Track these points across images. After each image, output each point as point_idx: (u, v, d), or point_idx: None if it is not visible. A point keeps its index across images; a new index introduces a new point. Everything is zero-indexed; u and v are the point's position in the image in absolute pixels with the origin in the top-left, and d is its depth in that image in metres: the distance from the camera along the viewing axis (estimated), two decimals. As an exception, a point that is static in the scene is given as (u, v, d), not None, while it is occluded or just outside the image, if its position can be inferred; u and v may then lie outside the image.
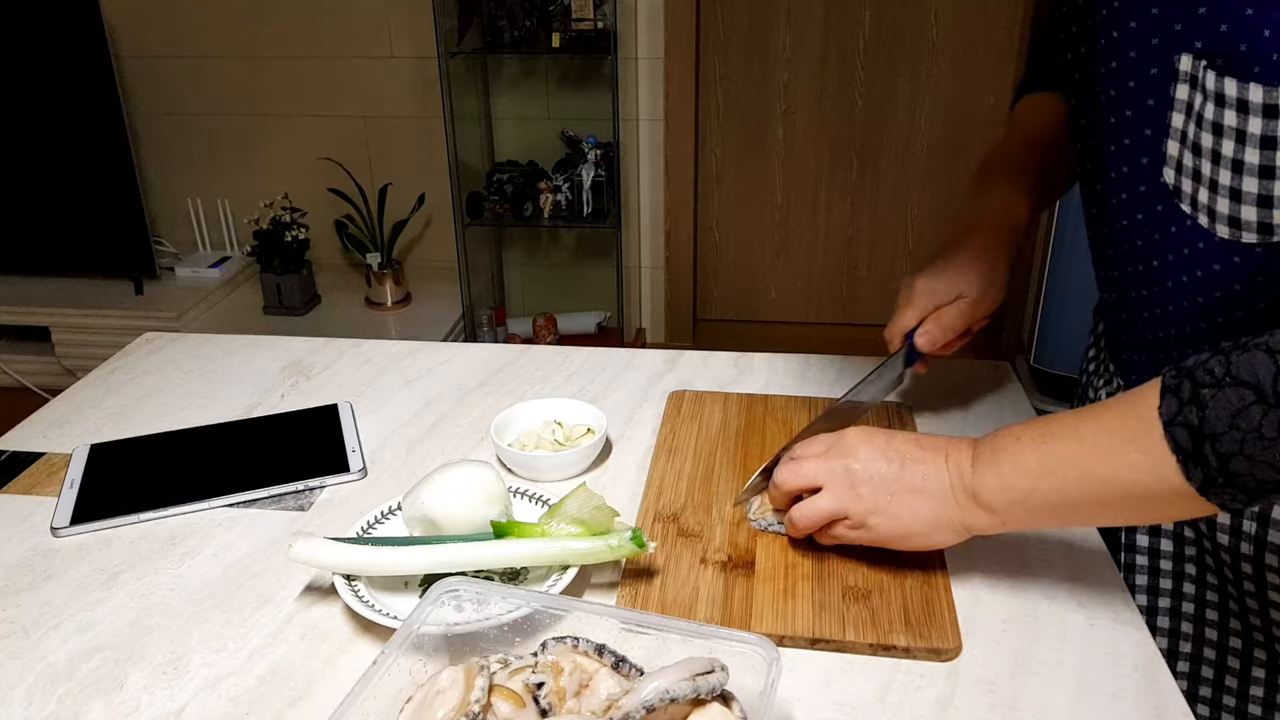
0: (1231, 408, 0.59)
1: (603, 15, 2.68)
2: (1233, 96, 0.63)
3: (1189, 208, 0.70)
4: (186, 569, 0.83)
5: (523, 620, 0.67)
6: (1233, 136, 0.63)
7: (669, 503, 0.88)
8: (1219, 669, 0.85)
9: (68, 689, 0.70)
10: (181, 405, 1.09)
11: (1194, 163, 0.68)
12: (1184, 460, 0.61)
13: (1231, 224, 0.67)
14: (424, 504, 0.80)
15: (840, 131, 3.10)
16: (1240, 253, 0.67)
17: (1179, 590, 0.86)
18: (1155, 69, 0.69)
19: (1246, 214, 0.65)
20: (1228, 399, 0.59)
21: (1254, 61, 0.61)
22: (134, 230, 2.89)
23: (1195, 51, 0.65)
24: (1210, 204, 0.67)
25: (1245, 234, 0.66)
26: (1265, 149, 0.62)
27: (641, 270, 3.21)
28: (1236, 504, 0.62)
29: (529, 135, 3.04)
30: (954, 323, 0.90)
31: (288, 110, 3.07)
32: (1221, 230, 0.68)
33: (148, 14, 2.98)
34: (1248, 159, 0.63)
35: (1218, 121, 0.64)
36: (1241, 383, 0.59)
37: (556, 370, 1.15)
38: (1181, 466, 0.61)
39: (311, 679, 0.71)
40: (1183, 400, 0.61)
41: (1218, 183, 0.66)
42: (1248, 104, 0.62)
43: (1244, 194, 0.65)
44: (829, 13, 2.96)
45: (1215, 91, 0.64)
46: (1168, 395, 0.62)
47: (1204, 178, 0.67)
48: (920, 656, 0.71)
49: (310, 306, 3.01)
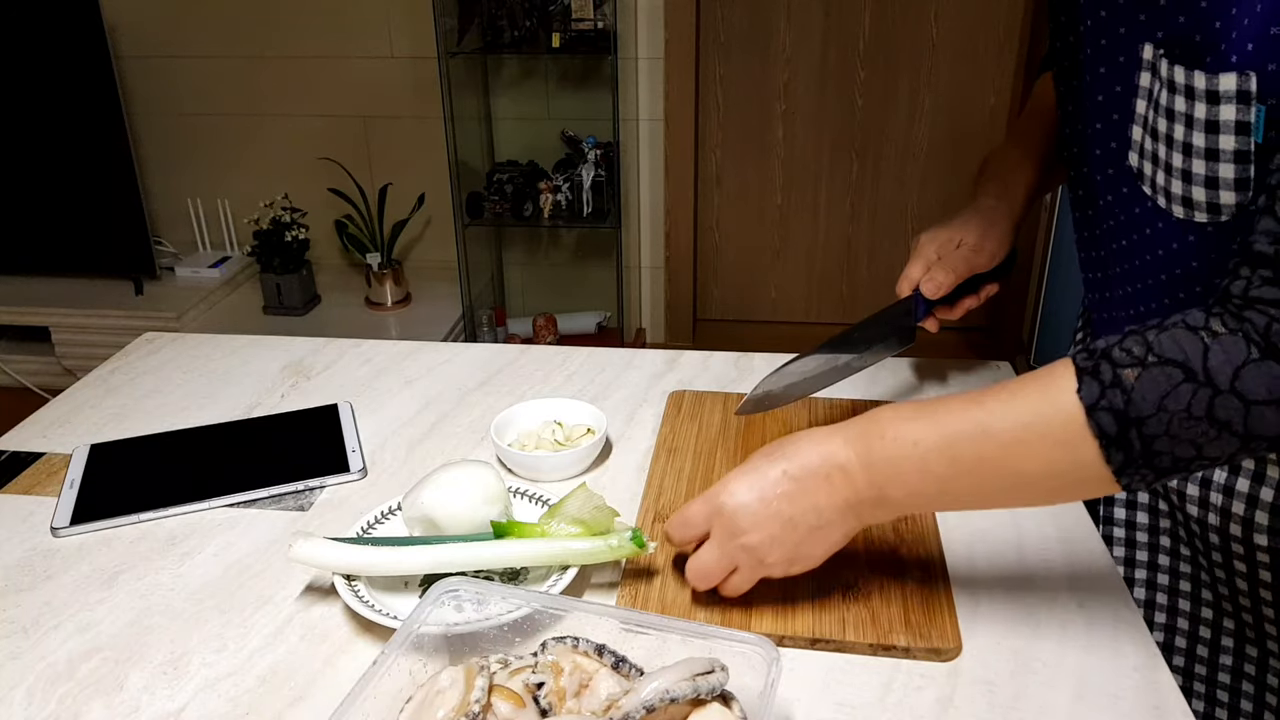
0: (1160, 389, 0.58)
1: (603, 15, 2.68)
2: (1181, 83, 0.65)
3: (1149, 189, 0.73)
4: (186, 569, 0.83)
5: (523, 620, 0.67)
6: (1182, 120, 0.66)
7: (669, 503, 0.88)
8: (1191, 639, 0.87)
9: (68, 689, 0.70)
10: (181, 405, 1.09)
11: (1152, 147, 0.70)
12: (1106, 445, 0.60)
13: (1185, 204, 0.69)
14: (424, 504, 0.80)
15: (840, 132, 3.10)
16: (1195, 231, 0.70)
17: (1154, 562, 0.88)
18: (1123, 57, 0.72)
19: (1197, 195, 0.68)
20: (1154, 379, 0.58)
21: (1205, 51, 0.63)
22: (134, 230, 2.89)
23: (1156, 41, 0.68)
24: (1166, 185, 0.70)
25: (1197, 214, 0.69)
26: (1209, 133, 0.64)
27: (641, 270, 3.21)
28: (1143, 484, 0.62)
29: (529, 135, 3.04)
30: (956, 265, 0.92)
31: (288, 110, 3.07)
32: (1177, 210, 0.70)
33: (148, 14, 2.98)
34: (1195, 142, 0.66)
35: (1170, 107, 0.67)
36: (1168, 361, 0.58)
37: (556, 370, 1.15)
38: (1103, 451, 0.60)
39: (311, 679, 0.71)
40: (1104, 383, 0.60)
41: (1172, 165, 0.69)
42: (1194, 90, 0.64)
43: (1193, 175, 0.67)
44: (829, 13, 2.96)
45: (1168, 78, 0.67)
46: (1086, 379, 0.60)
47: (1160, 160, 0.70)
48: (920, 656, 0.71)
49: (310, 306, 3.01)
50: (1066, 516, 0.86)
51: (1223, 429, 0.58)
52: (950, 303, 0.95)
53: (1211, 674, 0.86)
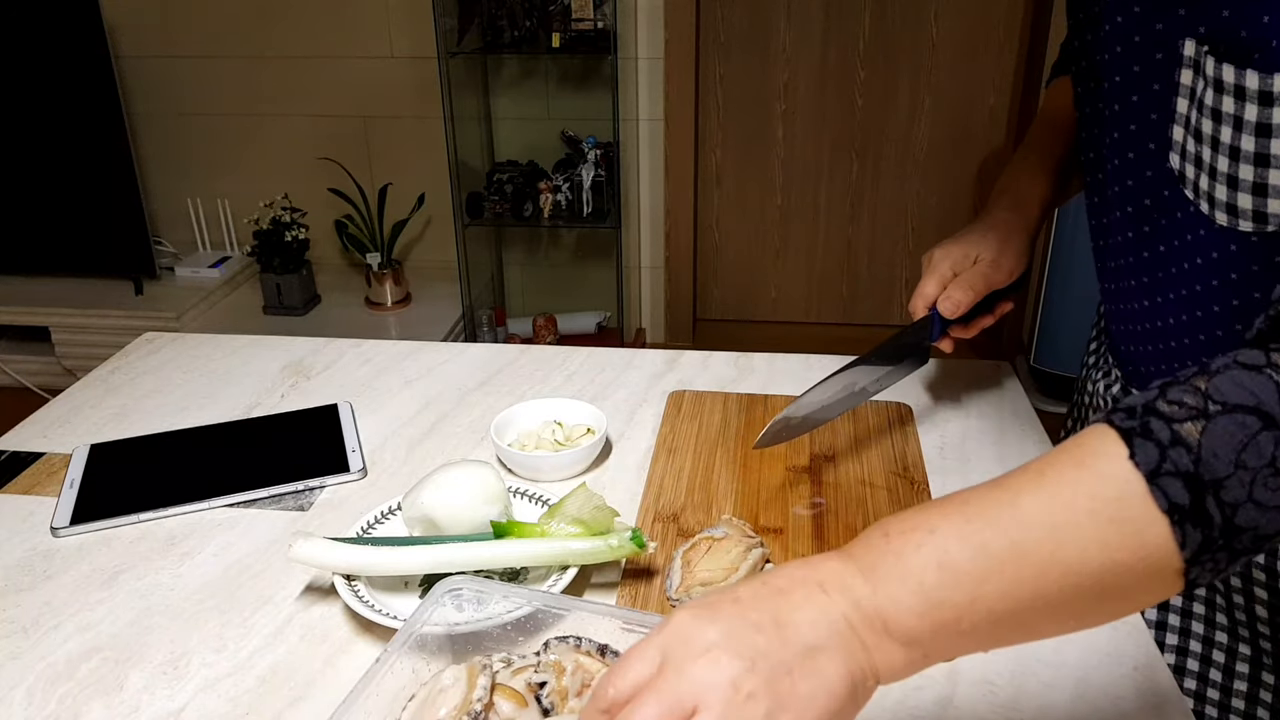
0: (1234, 442, 0.46)
1: (603, 15, 2.68)
2: (1230, 83, 0.61)
3: (1192, 194, 0.69)
4: (186, 569, 0.83)
5: (525, 619, 0.67)
6: (1230, 123, 0.62)
7: (669, 503, 0.88)
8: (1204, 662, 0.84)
9: (68, 689, 0.70)
10: (181, 405, 1.09)
11: (1195, 149, 0.67)
12: (1179, 521, 0.46)
13: (1229, 211, 0.66)
14: (424, 504, 0.80)
15: (840, 132, 3.10)
16: (1236, 240, 0.66)
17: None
18: (1160, 54, 0.69)
19: (1243, 201, 0.64)
20: (1225, 430, 0.46)
21: (1253, 48, 0.60)
22: (134, 230, 2.89)
23: (1199, 36, 0.64)
24: (1210, 190, 0.66)
25: (1241, 222, 0.65)
26: (1260, 136, 0.61)
27: (641, 270, 3.21)
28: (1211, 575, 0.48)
29: (529, 135, 3.04)
30: (974, 283, 0.90)
31: (288, 110, 3.07)
32: (1220, 218, 0.66)
33: (148, 14, 2.98)
34: (1244, 146, 0.62)
35: (1216, 107, 0.63)
36: (1236, 408, 0.47)
37: (556, 370, 1.15)
38: (1175, 530, 0.46)
39: (311, 679, 0.71)
40: (1162, 444, 0.47)
41: (1216, 169, 0.65)
42: (1244, 90, 0.61)
43: (1240, 181, 0.64)
44: (829, 12, 2.96)
45: (1214, 77, 0.63)
46: (1137, 440, 0.47)
47: (1204, 164, 0.66)
48: (920, 656, 0.71)
49: (310, 306, 3.01)
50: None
51: None
52: (965, 321, 0.93)
53: (1225, 699, 0.82)
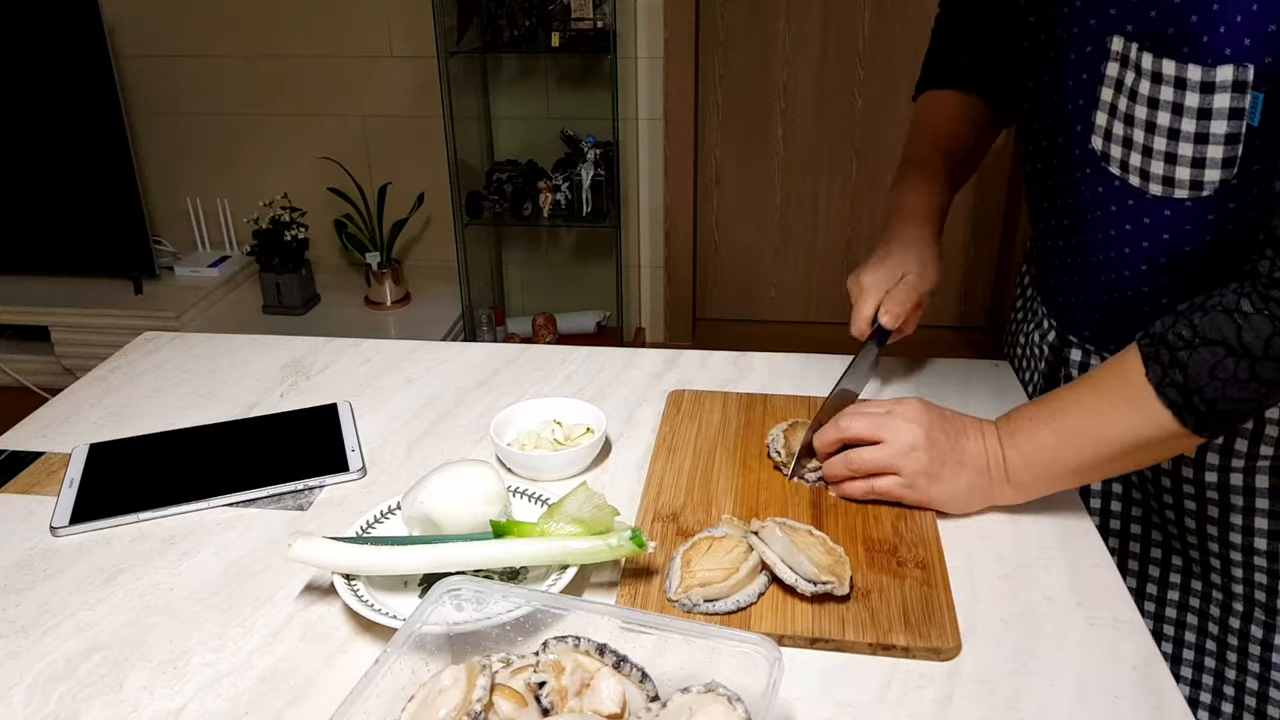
0: (1208, 364, 0.73)
1: (602, 15, 2.68)
2: (1171, 75, 0.73)
3: (1117, 170, 0.82)
4: (186, 569, 0.83)
5: (524, 619, 0.67)
6: (1169, 109, 0.74)
7: (668, 502, 0.88)
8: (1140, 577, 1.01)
9: (67, 688, 0.70)
10: (181, 405, 1.09)
11: (1125, 131, 0.79)
12: (1178, 412, 0.75)
13: (1165, 183, 0.78)
14: (423, 503, 0.80)
15: (840, 131, 3.10)
16: (1171, 206, 0.80)
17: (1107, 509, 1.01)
18: (1090, 47, 0.81)
19: (1180, 174, 0.77)
20: (1203, 357, 0.73)
21: (1183, 43, 0.72)
22: (133, 230, 2.89)
23: (1126, 34, 0.77)
24: (1144, 166, 0.79)
25: (1178, 190, 0.78)
26: (1200, 119, 0.73)
27: (641, 270, 3.21)
28: (1222, 431, 0.77)
29: (528, 135, 3.04)
30: (907, 296, 0.99)
31: (287, 110, 3.07)
32: (1155, 189, 0.79)
33: (148, 14, 2.97)
34: (1184, 127, 0.74)
35: (1154, 96, 0.75)
36: (1211, 341, 0.73)
37: (556, 370, 1.15)
38: (1177, 417, 0.75)
39: (311, 679, 0.71)
40: (1164, 365, 0.75)
41: (1152, 149, 0.77)
42: (1186, 81, 0.73)
43: (1179, 157, 0.76)
44: (829, 12, 2.96)
45: (1151, 70, 0.74)
46: (1150, 362, 0.76)
47: (1136, 144, 0.79)
48: (920, 656, 0.71)
49: (310, 306, 3.01)
50: (1066, 516, 0.86)
51: (1267, 384, 0.72)
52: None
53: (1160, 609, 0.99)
